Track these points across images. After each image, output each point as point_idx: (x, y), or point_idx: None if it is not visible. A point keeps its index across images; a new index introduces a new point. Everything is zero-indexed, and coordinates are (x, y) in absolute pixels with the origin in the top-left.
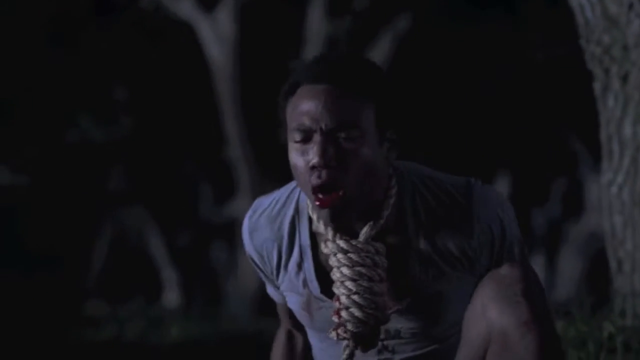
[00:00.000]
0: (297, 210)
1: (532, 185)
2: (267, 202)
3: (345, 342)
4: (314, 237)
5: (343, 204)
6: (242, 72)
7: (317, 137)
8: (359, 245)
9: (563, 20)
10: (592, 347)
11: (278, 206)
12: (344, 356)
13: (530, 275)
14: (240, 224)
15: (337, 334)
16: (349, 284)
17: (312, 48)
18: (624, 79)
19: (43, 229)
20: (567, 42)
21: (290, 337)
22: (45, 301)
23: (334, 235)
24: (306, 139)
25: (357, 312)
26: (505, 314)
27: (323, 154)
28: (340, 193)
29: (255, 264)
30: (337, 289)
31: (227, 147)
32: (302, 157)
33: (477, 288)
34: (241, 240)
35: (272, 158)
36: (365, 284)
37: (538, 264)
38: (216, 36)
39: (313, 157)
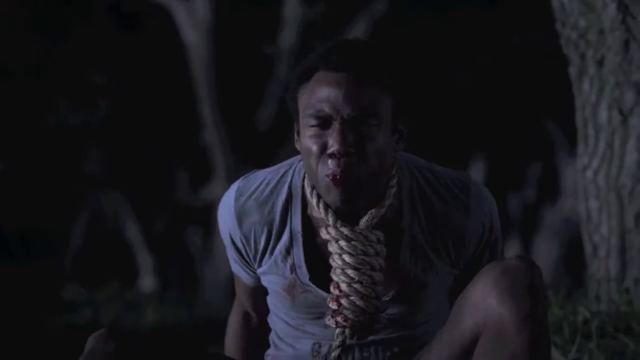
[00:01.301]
0: (290, 195)
1: (508, 169)
2: (254, 185)
3: (338, 330)
4: (305, 222)
5: (356, 189)
6: (217, 57)
7: (336, 125)
8: (363, 233)
9: (539, 4)
10: (568, 331)
11: (268, 189)
12: (337, 343)
13: (537, 272)
14: (216, 208)
15: (336, 322)
16: (350, 272)
17: (288, 33)
18: (600, 63)
19: (19, 213)
20: (543, 26)
21: (246, 320)
22: (22, 285)
23: (335, 222)
24: (324, 125)
25: (358, 301)
26: (507, 304)
27: (344, 141)
28: (356, 181)
29: (235, 246)
30: (337, 277)
31: (203, 131)
32: (318, 142)
33: (480, 275)
34: (217, 223)
35: (247, 143)
36: (367, 272)
37: (514, 248)
38: (192, 21)
39: (333, 145)
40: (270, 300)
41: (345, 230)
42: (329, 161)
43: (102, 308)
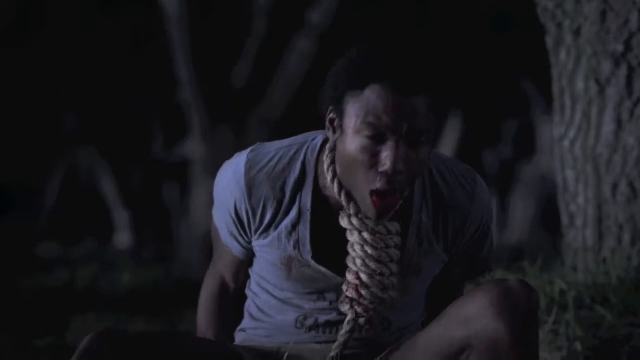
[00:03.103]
0: (302, 172)
1: (484, 126)
2: (264, 159)
3: (349, 317)
4: (314, 200)
5: (394, 205)
6: (193, 15)
7: (392, 143)
8: (386, 226)
9: None
10: (544, 302)
11: (280, 165)
12: (347, 328)
13: (535, 298)
14: (191, 165)
15: (356, 312)
16: (372, 264)
17: None
18: (576, 32)
19: None
20: None
21: (223, 288)
22: None
23: (357, 212)
24: (378, 139)
25: (379, 293)
26: (504, 324)
27: (398, 162)
28: (397, 196)
29: (238, 217)
30: (357, 267)
31: (179, 89)
32: (368, 155)
33: (478, 291)
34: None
35: (223, 101)
36: (387, 264)
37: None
38: None
39: (386, 163)
40: (257, 271)
41: (371, 223)
42: (378, 177)
43: (78, 270)
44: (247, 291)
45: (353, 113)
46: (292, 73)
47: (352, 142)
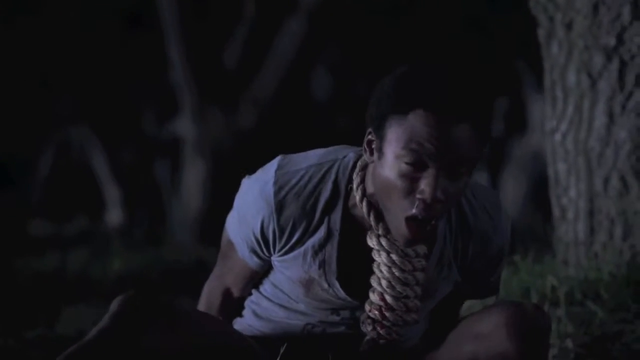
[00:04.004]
0: (333, 193)
1: None
2: (294, 179)
3: (369, 336)
4: (344, 221)
5: (427, 233)
6: None
7: (433, 171)
8: (417, 250)
9: None
10: (536, 298)
11: (312, 185)
12: (366, 347)
13: (548, 323)
14: (183, 144)
15: (379, 334)
16: (399, 287)
17: None
18: (569, 26)
19: None
20: None
21: (227, 297)
22: None
23: (387, 233)
24: (418, 166)
25: (404, 315)
26: (517, 344)
27: (437, 191)
28: (433, 223)
29: (264, 236)
30: (383, 288)
31: (170, 68)
32: (407, 181)
33: (492, 309)
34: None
35: (214, 81)
36: (414, 288)
37: (481, 181)
38: None
39: (425, 191)
40: (273, 280)
41: (400, 245)
42: (416, 204)
43: (69, 255)
44: (256, 295)
45: (395, 138)
46: (283, 54)
47: (392, 167)
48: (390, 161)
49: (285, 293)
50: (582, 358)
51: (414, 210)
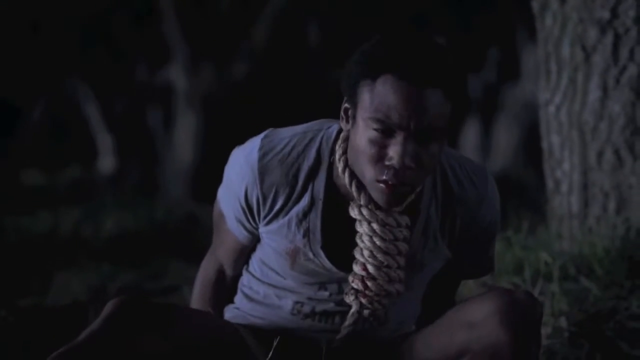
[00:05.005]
0: (317, 160)
1: (468, 50)
2: (278, 146)
3: (353, 309)
4: (327, 189)
5: (405, 195)
6: None
7: (400, 137)
8: (396, 218)
9: None
10: (529, 274)
11: (295, 153)
12: (351, 320)
13: (540, 311)
14: (175, 96)
15: (361, 303)
16: (380, 256)
17: None
18: None
19: None
20: None
21: (220, 276)
22: None
23: (368, 203)
24: (386, 132)
25: (386, 285)
26: (509, 333)
27: (405, 158)
28: (408, 189)
29: (248, 203)
30: (365, 258)
31: (162, 17)
32: (376, 148)
33: (483, 297)
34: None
35: (205, 35)
36: (395, 257)
37: (474, 130)
38: None
39: (393, 157)
40: (260, 256)
41: (381, 214)
42: (385, 170)
43: (61, 214)
44: (244, 270)
45: (364, 104)
46: (276, 8)
47: (363, 134)
48: (361, 128)
49: (274, 269)
50: (576, 337)
51: (384, 177)
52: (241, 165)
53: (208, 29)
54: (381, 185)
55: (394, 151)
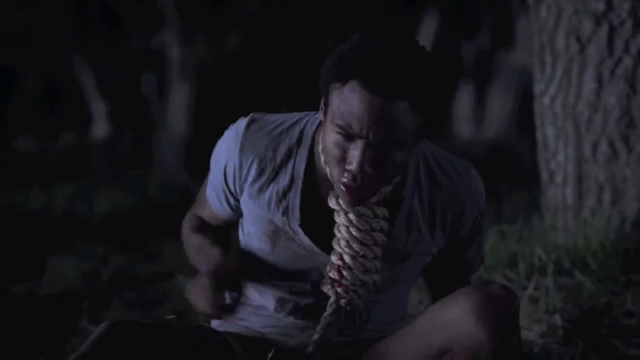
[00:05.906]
0: (299, 140)
1: (462, 17)
2: (268, 122)
3: (332, 299)
4: (308, 170)
5: (368, 196)
6: None
7: (359, 144)
8: (372, 209)
9: None
10: (523, 268)
11: (280, 129)
12: (330, 311)
13: (517, 304)
14: (168, 55)
15: (337, 292)
16: (356, 246)
17: None
18: None
19: None
20: None
21: (204, 221)
22: None
23: None
24: (348, 137)
25: (361, 275)
26: (487, 329)
27: (363, 163)
28: (371, 191)
29: (225, 172)
30: (341, 248)
31: None
32: (340, 150)
33: (459, 295)
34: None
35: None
36: (371, 247)
37: (467, 97)
38: None
39: (352, 162)
40: (242, 246)
41: (358, 206)
42: (346, 173)
43: (54, 193)
44: None
45: (332, 108)
46: None
47: (329, 134)
48: (329, 128)
49: (256, 256)
50: (570, 334)
51: (344, 179)
52: (229, 134)
53: (201, 1)
54: (342, 187)
55: (352, 156)
